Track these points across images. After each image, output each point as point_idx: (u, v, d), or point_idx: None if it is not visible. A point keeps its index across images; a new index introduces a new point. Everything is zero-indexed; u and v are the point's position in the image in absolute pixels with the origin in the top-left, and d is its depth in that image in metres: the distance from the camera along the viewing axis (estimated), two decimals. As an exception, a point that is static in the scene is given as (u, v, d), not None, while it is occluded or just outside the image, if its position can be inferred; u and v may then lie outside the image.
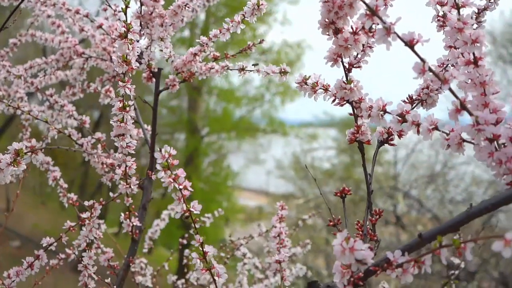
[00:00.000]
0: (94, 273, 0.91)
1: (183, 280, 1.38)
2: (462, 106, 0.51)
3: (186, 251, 1.34)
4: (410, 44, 0.51)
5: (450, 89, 0.51)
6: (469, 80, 0.56)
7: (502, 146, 0.53)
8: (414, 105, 0.68)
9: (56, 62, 1.20)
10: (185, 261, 1.41)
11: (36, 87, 1.14)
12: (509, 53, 9.25)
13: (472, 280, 5.48)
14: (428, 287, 6.13)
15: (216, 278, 0.64)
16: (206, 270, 0.64)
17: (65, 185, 1.10)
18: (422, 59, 0.51)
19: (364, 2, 0.51)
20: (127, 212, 0.96)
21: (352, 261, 0.50)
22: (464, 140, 0.54)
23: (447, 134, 0.55)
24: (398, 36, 0.50)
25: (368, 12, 0.50)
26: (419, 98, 0.68)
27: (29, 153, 0.66)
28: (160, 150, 0.61)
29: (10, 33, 1.31)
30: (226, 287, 1.35)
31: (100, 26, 1.04)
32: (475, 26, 0.72)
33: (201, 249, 0.65)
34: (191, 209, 0.63)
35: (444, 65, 0.69)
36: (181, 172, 0.62)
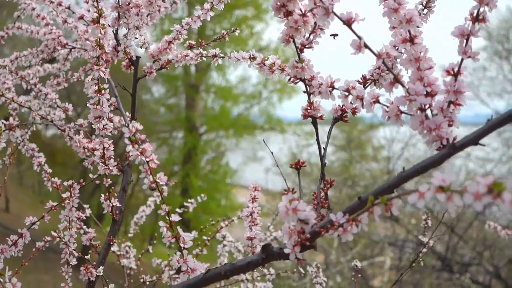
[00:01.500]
0: (74, 249, 0.96)
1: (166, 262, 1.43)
2: (395, 79, 0.56)
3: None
4: (348, 23, 0.55)
5: (384, 63, 0.56)
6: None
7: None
8: (367, 84, 0.73)
9: (40, 53, 1.24)
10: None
11: (21, 77, 1.19)
12: (505, 48, 9.30)
13: (465, 272, 5.55)
14: (422, 280, 6.20)
15: (182, 245, 0.69)
16: (172, 237, 0.69)
17: (50, 170, 1.14)
18: (358, 37, 0.56)
19: (307, -15, 0.56)
20: (107, 193, 1.01)
21: (295, 220, 0.55)
22: (401, 112, 0.59)
23: (387, 107, 0.60)
24: (336, 16, 0.55)
25: (309, -6, 0.55)
26: (372, 78, 0.73)
27: (7, 131, 0.71)
28: (128, 126, 0.66)
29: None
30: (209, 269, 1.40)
31: (81, 17, 1.08)
32: (425, 11, 0.77)
33: (167, 218, 0.70)
34: (158, 180, 0.68)
35: (395, 47, 0.73)
36: (148, 146, 0.67)
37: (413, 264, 1.11)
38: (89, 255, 0.99)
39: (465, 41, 0.56)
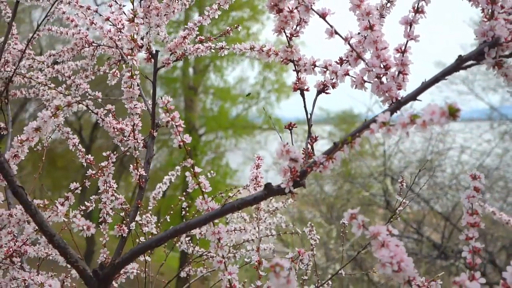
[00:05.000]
0: (111, 208, 1.17)
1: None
2: (358, 56, 0.77)
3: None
4: (323, 16, 0.77)
5: (349, 44, 0.77)
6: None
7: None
8: (343, 63, 0.94)
9: (71, 50, 1.45)
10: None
11: (57, 70, 1.40)
12: (498, 43, 9.48)
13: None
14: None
15: (203, 189, 0.90)
16: (195, 184, 0.90)
17: (83, 149, 1.35)
18: (330, 26, 0.77)
19: (292, -11, 0.77)
20: (135, 164, 1.22)
21: (287, 159, 0.76)
22: (364, 81, 0.80)
23: (355, 78, 0.81)
24: (314, 11, 0.76)
25: (294, -5, 0.76)
26: (346, 59, 0.94)
27: (66, 107, 0.91)
28: (161, 98, 0.87)
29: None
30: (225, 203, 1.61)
31: (107, 19, 1.29)
32: (388, 4, 0.98)
33: (192, 169, 0.91)
34: (184, 139, 0.89)
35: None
36: (176, 114, 0.88)
37: (391, 219, 1.32)
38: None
39: (409, 27, 0.77)
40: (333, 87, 0.92)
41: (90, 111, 1.28)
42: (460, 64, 0.70)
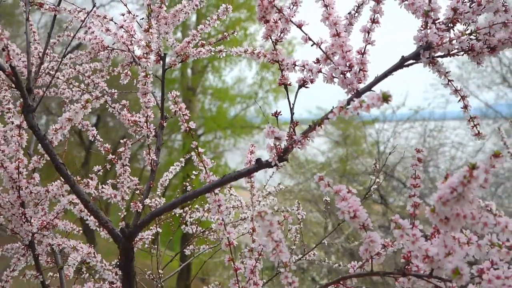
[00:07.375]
0: (128, 187, 1.38)
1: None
2: (327, 57, 0.99)
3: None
4: (299, 26, 0.98)
5: (320, 48, 0.98)
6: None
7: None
8: (319, 63, 1.15)
9: (88, 54, 1.66)
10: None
11: (78, 71, 1.61)
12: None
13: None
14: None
15: (206, 166, 1.12)
16: (199, 162, 1.12)
17: (101, 139, 1.56)
18: (305, 34, 0.98)
19: (275, 6, 0.98)
20: (147, 150, 1.43)
21: (273, 138, 0.97)
22: (333, 76, 1.01)
23: (326, 75, 1.03)
24: (292, 22, 0.97)
25: (276, 10, 0.97)
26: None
27: (94, 100, 1.12)
28: (170, 92, 1.08)
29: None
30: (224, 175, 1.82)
31: (121, 26, 1.51)
32: (356, 14, 1.19)
33: (197, 150, 1.12)
34: (190, 125, 1.10)
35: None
36: (183, 105, 1.10)
37: (366, 196, 1.53)
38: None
39: (367, 33, 0.99)
40: (312, 82, 1.14)
41: (108, 105, 1.49)
42: (403, 62, 0.91)
